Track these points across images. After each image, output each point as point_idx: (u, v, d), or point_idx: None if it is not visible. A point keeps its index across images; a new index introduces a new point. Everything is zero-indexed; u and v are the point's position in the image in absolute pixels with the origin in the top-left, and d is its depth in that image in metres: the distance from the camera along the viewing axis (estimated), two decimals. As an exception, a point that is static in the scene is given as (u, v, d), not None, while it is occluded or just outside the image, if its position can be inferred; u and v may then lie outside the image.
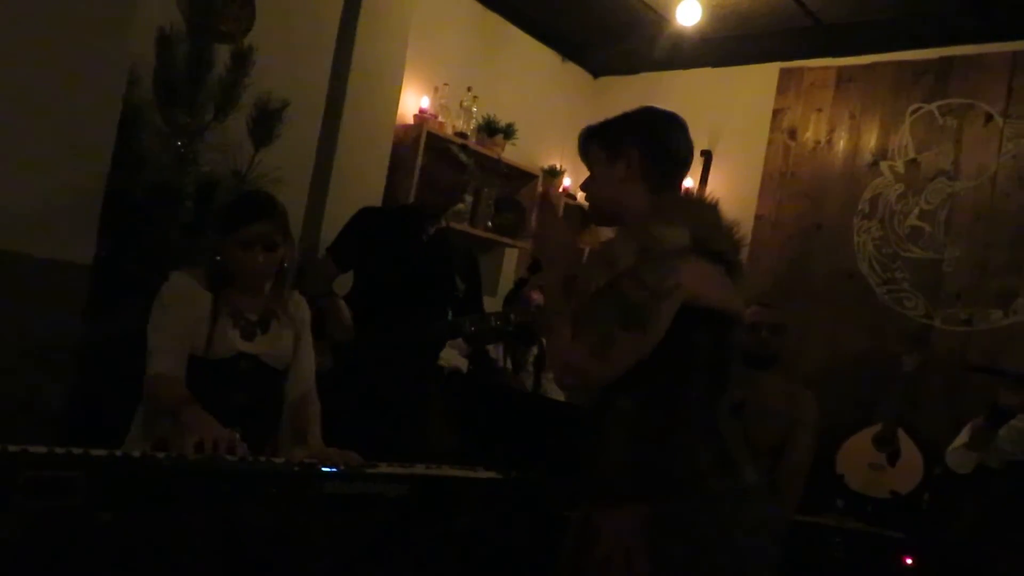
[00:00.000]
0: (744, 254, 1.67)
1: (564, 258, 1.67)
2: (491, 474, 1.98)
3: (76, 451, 1.45)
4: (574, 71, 5.16)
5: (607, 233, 1.72)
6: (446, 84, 4.25)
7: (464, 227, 4.33)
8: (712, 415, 1.58)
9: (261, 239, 2.07)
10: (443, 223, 3.21)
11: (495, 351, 3.97)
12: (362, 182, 3.71)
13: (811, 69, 4.39)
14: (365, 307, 2.97)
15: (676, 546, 1.49)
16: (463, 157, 3.21)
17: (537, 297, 3.32)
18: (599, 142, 1.74)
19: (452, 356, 3.90)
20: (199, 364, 2.03)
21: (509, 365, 3.98)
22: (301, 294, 2.28)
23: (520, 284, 3.17)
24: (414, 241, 3.13)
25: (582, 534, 1.61)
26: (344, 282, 3.18)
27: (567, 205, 4.81)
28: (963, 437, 2.94)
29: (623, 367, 1.50)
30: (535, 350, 4.09)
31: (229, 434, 1.76)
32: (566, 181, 4.91)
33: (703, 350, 1.55)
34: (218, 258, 2.10)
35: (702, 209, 1.66)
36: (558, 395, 4.08)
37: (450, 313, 3.19)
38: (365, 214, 3.20)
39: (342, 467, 1.79)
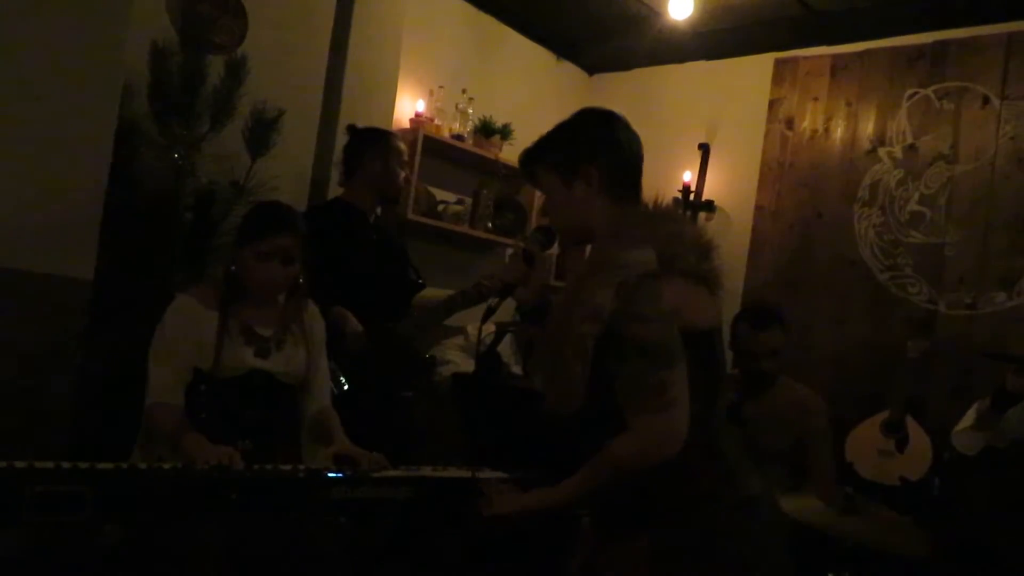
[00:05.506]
0: (716, 261, 1.58)
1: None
2: (497, 475, 1.98)
3: (82, 465, 1.46)
4: (569, 69, 5.16)
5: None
6: (441, 87, 4.25)
7: (464, 228, 4.34)
8: (709, 433, 1.51)
9: (280, 252, 2.06)
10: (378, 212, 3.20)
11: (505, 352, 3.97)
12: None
13: (806, 58, 4.38)
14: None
15: (682, 572, 1.46)
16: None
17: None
18: (547, 165, 1.66)
19: (460, 358, 3.90)
20: (208, 381, 2.01)
21: (519, 368, 3.97)
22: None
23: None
24: (363, 234, 3.09)
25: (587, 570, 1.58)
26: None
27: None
28: (969, 418, 2.93)
29: (686, 406, 1.42)
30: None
31: (228, 452, 1.75)
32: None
33: (693, 372, 1.45)
34: (232, 268, 2.09)
35: (663, 223, 1.57)
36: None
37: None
38: (310, 215, 3.05)
39: (348, 472, 1.79)
